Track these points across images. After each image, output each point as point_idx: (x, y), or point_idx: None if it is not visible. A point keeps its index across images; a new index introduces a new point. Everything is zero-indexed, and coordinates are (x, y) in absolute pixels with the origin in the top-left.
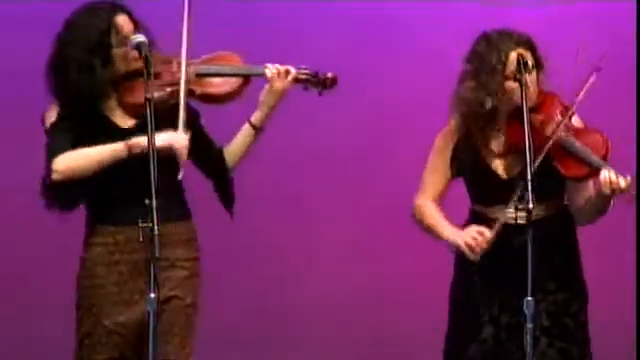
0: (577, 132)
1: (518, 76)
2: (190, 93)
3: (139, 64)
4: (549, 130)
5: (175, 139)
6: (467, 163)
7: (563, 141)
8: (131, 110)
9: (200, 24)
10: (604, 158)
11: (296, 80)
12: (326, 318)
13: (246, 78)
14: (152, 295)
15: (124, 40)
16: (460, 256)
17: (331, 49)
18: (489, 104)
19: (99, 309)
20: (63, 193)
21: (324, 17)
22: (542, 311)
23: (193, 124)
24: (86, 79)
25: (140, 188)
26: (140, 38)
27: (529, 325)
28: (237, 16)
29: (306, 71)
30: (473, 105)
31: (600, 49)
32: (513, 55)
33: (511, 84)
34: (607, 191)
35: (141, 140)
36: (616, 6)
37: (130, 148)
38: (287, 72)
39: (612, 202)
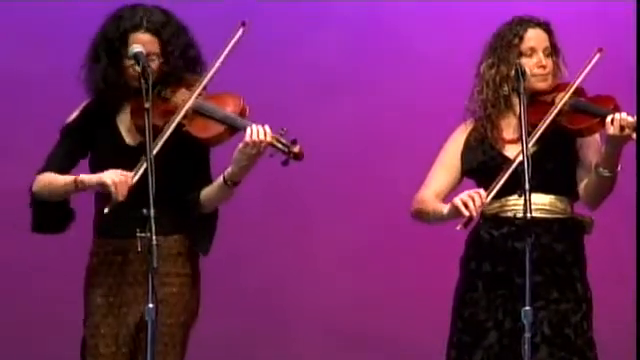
0: (584, 96)
1: (516, 84)
2: (178, 126)
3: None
4: (559, 97)
5: (107, 177)
6: (478, 152)
7: (571, 100)
8: (139, 129)
9: (198, 22)
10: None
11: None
12: (326, 321)
13: (232, 129)
14: (150, 305)
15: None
16: (464, 261)
17: (330, 50)
18: (506, 87)
19: (92, 319)
20: (39, 212)
21: (324, 17)
22: (544, 319)
23: (194, 153)
24: (93, 68)
25: (137, 200)
26: (138, 49)
27: (527, 335)
28: (235, 15)
29: (281, 140)
30: (492, 83)
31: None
32: (531, 32)
33: (526, 61)
34: (616, 131)
35: (87, 178)
36: (616, 6)
37: (77, 185)
38: (262, 142)
39: (619, 166)
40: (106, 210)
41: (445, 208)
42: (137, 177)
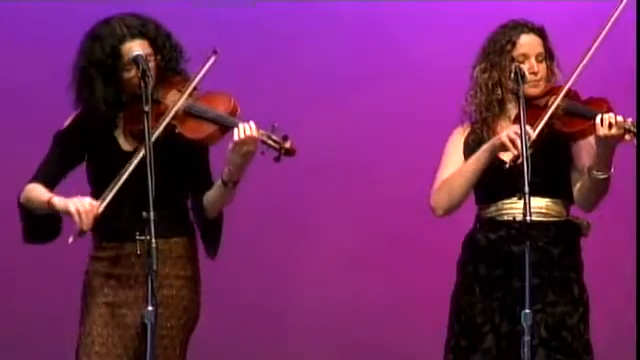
0: (577, 99)
1: (515, 87)
2: (171, 128)
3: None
4: (552, 100)
5: (72, 205)
6: (474, 152)
7: (565, 104)
8: (133, 135)
9: (197, 23)
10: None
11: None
12: (326, 325)
13: (223, 128)
14: (150, 308)
15: (129, 66)
16: (461, 265)
17: (331, 52)
18: (499, 92)
19: (91, 319)
20: (29, 223)
21: (324, 18)
22: (541, 322)
23: (191, 155)
24: (85, 91)
25: (137, 204)
26: (137, 52)
27: (526, 338)
28: (235, 16)
29: (272, 136)
30: (484, 87)
31: (600, 54)
32: (524, 38)
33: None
34: (605, 130)
35: (56, 202)
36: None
37: (49, 205)
38: (250, 137)
39: (612, 167)
40: (70, 240)
41: (481, 148)
42: (105, 204)
